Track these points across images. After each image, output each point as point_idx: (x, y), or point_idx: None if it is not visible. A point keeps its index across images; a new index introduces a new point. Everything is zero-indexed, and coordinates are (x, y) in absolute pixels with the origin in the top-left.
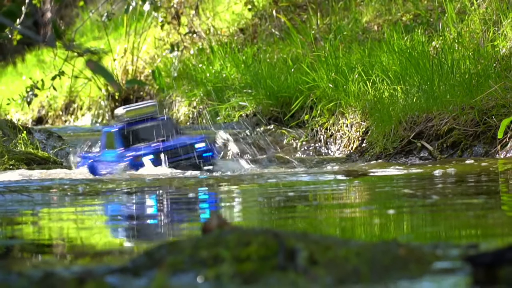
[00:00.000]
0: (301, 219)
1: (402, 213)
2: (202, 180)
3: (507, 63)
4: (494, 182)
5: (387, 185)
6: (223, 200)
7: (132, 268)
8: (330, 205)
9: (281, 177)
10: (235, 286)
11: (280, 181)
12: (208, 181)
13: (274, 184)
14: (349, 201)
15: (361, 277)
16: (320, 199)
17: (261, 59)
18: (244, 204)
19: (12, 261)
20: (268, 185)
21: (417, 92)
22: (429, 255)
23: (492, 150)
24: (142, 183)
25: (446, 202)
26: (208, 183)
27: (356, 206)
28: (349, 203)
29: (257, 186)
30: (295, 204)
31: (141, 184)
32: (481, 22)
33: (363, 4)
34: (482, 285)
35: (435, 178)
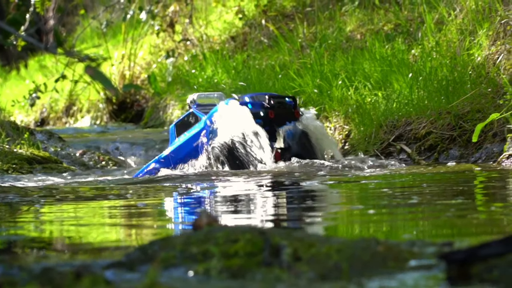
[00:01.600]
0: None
1: (382, 212)
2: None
3: (482, 71)
4: (470, 184)
5: (368, 186)
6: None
7: (127, 263)
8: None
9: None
10: (223, 280)
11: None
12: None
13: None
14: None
15: (341, 272)
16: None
17: (251, 66)
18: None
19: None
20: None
21: (397, 97)
22: (406, 252)
23: (467, 153)
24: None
25: (425, 202)
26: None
27: (340, 205)
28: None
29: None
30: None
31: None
32: (458, 32)
33: (347, 14)
34: (455, 281)
35: (415, 180)
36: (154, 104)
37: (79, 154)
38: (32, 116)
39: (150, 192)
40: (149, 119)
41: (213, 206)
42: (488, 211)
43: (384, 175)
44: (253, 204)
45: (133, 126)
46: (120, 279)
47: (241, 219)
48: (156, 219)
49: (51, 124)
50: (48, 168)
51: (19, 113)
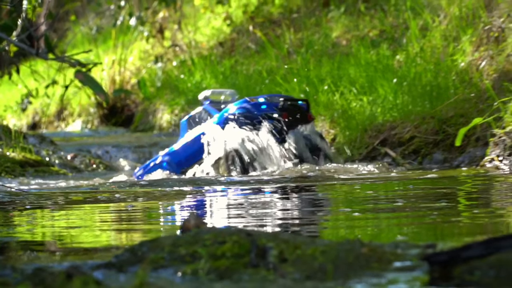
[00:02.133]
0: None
1: (366, 215)
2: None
3: (465, 76)
4: (453, 188)
5: (353, 189)
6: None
7: (117, 264)
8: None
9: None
10: (210, 281)
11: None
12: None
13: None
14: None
15: (326, 273)
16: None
17: (238, 71)
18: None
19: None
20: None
21: (382, 102)
22: (390, 253)
23: (450, 157)
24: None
25: (409, 205)
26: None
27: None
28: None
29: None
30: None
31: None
32: (442, 38)
33: (333, 20)
34: (438, 282)
35: (400, 183)
36: (143, 108)
37: (70, 157)
38: (24, 120)
39: (148, 195)
40: (139, 123)
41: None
42: (471, 214)
43: (367, 178)
44: (244, 207)
45: (123, 130)
46: (110, 279)
47: (230, 221)
48: (147, 221)
49: (43, 128)
50: (40, 171)
51: (12, 117)
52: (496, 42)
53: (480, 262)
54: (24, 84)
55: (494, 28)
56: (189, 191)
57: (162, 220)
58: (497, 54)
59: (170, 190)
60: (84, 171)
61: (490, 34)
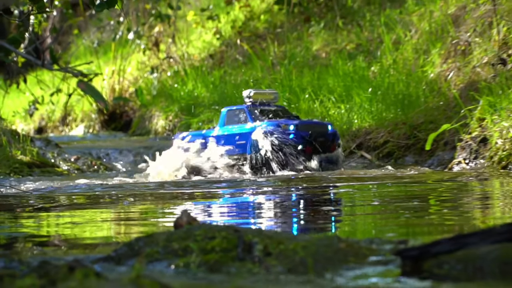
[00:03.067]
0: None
1: (345, 213)
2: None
3: (434, 86)
4: (424, 188)
5: (330, 189)
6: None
7: (115, 257)
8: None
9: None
10: (201, 273)
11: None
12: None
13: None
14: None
15: (307, 267)
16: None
17: (227, 81)
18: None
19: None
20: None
21: (358, 109)
22: (365, 249)
23: (421, 160)
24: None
25: (384, 204)
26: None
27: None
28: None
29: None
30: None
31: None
32: (413, 51)
33: (313, 35)
34: (409, 275)
35: (376, 184)
36: (140, 114)
37: (73, 159)
38: (31, 125)
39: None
40: (136, 128)
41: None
42: (440, 213)
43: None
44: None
45: (122, 134)
46: (109, 272)
47: (220, 218)
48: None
49: (48, 132)
50: (46, 172)
51: (20, 122)
52: (463, 55)
53: (448, 257)
54: (31, 92)
55: (461, 42)
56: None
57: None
58: (463, 66)
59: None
60: (86, 171)
61: (458, 47)
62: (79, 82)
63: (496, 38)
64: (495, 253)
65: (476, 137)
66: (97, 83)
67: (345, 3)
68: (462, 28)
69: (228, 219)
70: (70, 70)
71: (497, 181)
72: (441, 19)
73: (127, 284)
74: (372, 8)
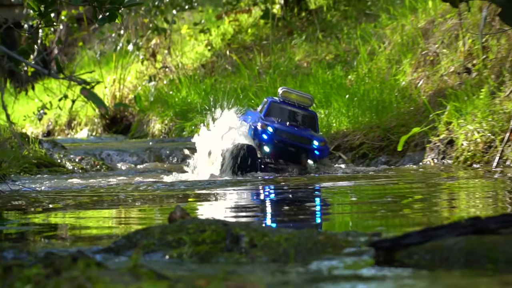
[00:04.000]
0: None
1: (324, 209)
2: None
3: (406, 93)
4: (397, 185)
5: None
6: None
7: (115, 249)
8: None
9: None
10: (193, 263)
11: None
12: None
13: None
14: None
15: (289, 257)
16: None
17: (217, 88)
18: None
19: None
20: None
21: (336, 114)
22: (342, 241)
23: (393, 160)
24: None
25: (361, 201)
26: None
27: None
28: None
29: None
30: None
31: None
32: (386, 61)
33: (296, 46)
34: (382, 265)
35: (353, 182)
36: (139, 119)
37: (78, 159)
38: (40, 128)
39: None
40: (135, 131)
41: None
42: (412, 208)
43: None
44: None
45: (122, 137)
46: (109, 262)
47: (210, 212)
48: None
49: (55, 135)
50: (53, 171)
51: (30, 126)
52: (432, 64)
53: (418, 248)
54: (40, 98)
55: (430, 53)
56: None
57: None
58: (432, 75)
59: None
60: (89, 171)
61: (427, 58)
62: (82, 89)
63: (462, 49)
64: (460, 245)
65: (444, 139)
66: (100, 91)
67: (325, 17)
68: (431, 40)
69: (217, 214)
70: (74, 79)
71: (463, 179)
72: (411, 32)
73: (125, 273)
74: (349, 22)
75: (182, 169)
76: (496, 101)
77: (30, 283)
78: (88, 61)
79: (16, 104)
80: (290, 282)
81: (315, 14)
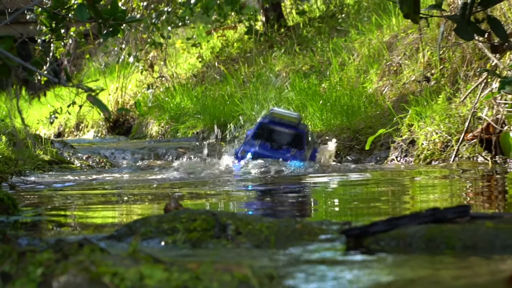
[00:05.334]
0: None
1: (302, 201)
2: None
3: (372, 99)
4: (365, 180)
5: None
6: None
7: (117, 236)
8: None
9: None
10: (185, 249)
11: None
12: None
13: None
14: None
15: (270, 243)
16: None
17: (207, 95)
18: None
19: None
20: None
21: (311, 117)
22: (317, 229)
23: (362, 158)
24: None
25: (335, 193)
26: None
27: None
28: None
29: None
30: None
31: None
32: (355, 71)
33: (276, 58)
34: (352, 250)
35: (328, 178)
36: (139, 122)
37: (85, 157)
38: (51, 130)
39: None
40: (135, 133)
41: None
42: (380, 200)
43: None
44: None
45: (124, 138)
46: (112, 247)
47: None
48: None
49: (65, 136)
50: (63, 168)
51: (43, 128)
52: (395, 74)
53: (384, 235)
54: (51, 104)
55: (393, 63)
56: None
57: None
58: (395, 83)
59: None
60: (95, 167)
61: (391, 68)
62: (88, 96)
63: (422, 60)
64: (421, 232)
65: (406, 139)
66: (104, 97)
67: (301, 33)
68: (394, 52)
69: (208, 205)
70: (81, 86)
71: (424, 175)
72: (377, 46)
73: (126, 257)
74: (322, 37)
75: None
76: (452, 106)
77: (41, 266)
78: (94, 71)
79: (30, 109)
80: (271, 265)
81: (293, 30)
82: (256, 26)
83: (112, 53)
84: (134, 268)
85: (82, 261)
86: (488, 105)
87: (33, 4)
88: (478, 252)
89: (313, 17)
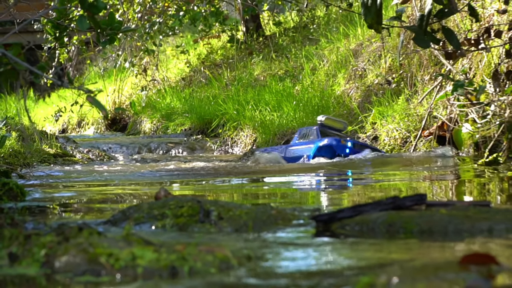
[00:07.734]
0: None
1: (278, 191)
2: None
3: (340, 100)
4: (337, 172)
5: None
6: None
7: (112, 221)
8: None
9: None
10: (173, 232)
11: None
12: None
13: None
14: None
15: (248, 227)
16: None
17: (194, 96)
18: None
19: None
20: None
21: (286, 116)
22: (290, 214)
23: None
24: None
25: (308, 183)
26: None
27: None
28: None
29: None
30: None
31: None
32: (325, 75)
33: (255, 64)
34: (321, 234)
35: (302, 171)
36: (134, 120)
37: (86, 151)
38: (56, 127)
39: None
40: (131, 129)
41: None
42: (347, 189)
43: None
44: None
45: (120, 134)
46: (108, 231)
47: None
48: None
49: (68, 132)
50: (66, 160)
51: (49, 125)
52: (360, 78)
53: (349, 221)
54: (56, 104)
55: (359, 69)
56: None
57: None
58: (361, 86)
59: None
60: (95, 160)
61: (356, 72)
62: (88, 97)
63: (384, 66)
64: (383, 218)
65: (370, 136)
66: (103, 98)
67: (277, 41)
68: (359, 58)
69: (195, 194)
70: (82, 88)
71: (386, 166)
72: (345, 53)
73: (120, 239)
74: (296, 45)
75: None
76: (411, 106)
77: (44, 248)
78: (94, 75)
79: (37, 108)
80: (249, 247)
81: (270, 39)
82: (238, 35)
83: (110, 59)
84: (127, 249)
85: (81, 243)
86: (443, 105)
87: (39, 15)
88: (434, 236)
89: (288, 27)
